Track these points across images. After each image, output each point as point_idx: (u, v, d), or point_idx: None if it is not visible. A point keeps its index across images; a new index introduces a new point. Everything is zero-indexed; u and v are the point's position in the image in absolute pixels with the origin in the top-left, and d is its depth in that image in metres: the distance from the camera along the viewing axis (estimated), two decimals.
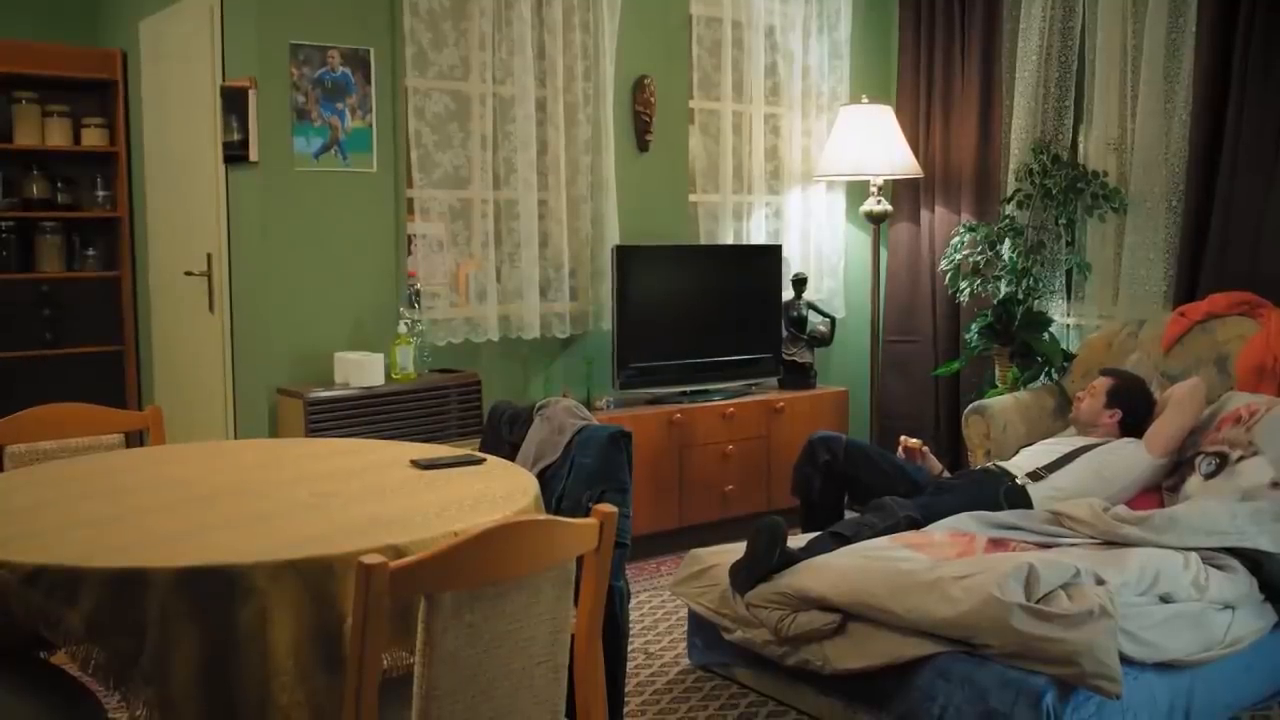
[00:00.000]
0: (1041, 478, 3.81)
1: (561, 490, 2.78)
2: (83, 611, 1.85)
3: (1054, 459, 3.87)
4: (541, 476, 2.86)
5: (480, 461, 2.68)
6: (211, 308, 4.70)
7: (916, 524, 3.53)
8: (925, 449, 4.14)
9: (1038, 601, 2.81)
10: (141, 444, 3.14)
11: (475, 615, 1.80)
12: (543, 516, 2.08)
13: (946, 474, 4.16)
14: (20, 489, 2.43)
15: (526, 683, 1.89)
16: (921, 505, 3.61)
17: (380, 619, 1.71)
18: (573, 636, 2.06)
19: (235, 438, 4.56)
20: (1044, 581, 2.85)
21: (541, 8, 4.75)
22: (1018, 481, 3.82)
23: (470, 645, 1.80)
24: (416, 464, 2.64)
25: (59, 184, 5.52)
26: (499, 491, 2.39)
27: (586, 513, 2.05)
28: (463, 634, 1.79)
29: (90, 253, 5.59)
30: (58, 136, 5.44)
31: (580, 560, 2.00)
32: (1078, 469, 3.81)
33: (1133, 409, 3.97)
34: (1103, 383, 4.03)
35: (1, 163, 5.37)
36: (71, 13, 5.65)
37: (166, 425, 3.16)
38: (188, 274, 4.82)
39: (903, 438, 4.19)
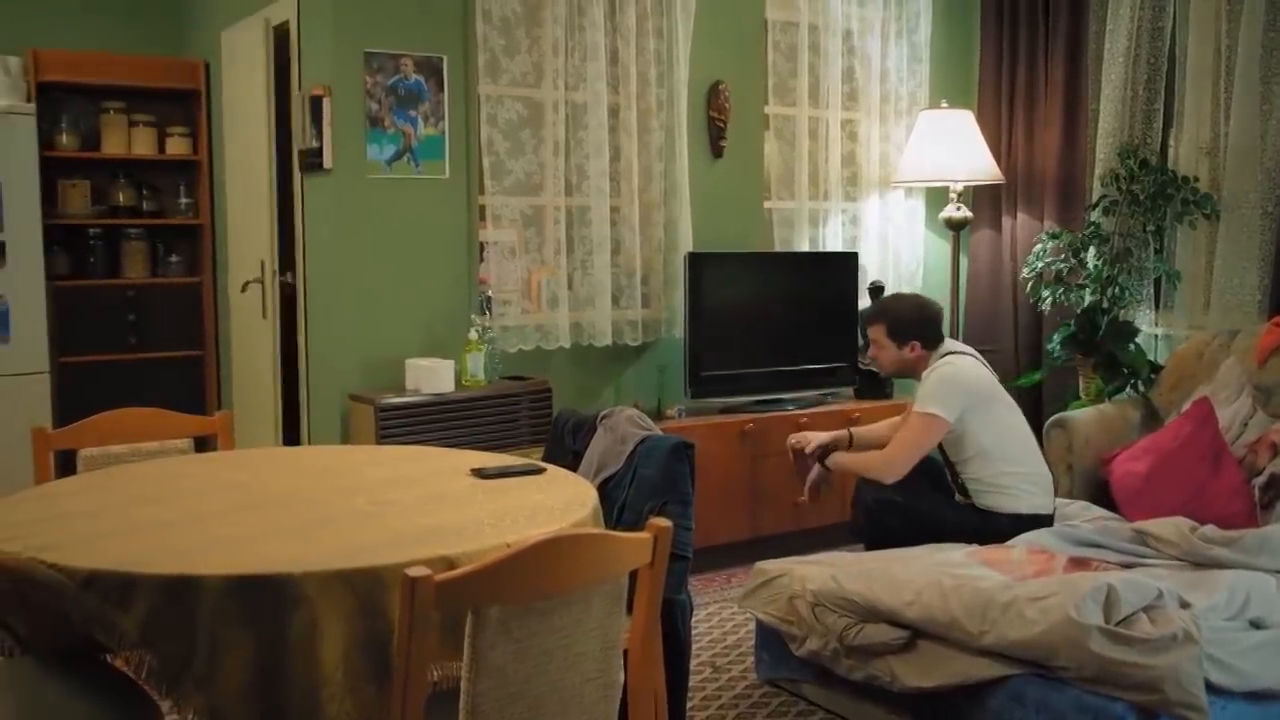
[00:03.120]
0: (959, 474, 3.70)
1: (623, 501, 2.74)
2: (136, 617, 1.86)
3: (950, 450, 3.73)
4: (604, 486, 2.83)
5: (541, 471, 2.65)
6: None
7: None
8: (806, 447, 3.87)
9: (1117, 624, 2.69)
10: (213, 449, 3.16)
11: (523, 630, 1.76)
12: (594, 530, 2.04)
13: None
14: (85, 492, 2.46)
15: (576, 700, 1.85)
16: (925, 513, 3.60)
17: (425, 633, 1.68)
18: (627, 653, 2.01)
19: (309, 443, 4.60)
20: (1124, 603, 2.73)
21: (615, 14, 4.73)
22: (959, 500, 3.74)
23: (518, 661, 1.76)
24: (477, 473, 2.61)
25: (144, 191, 5.65)
26: (557, 502, 2.35)
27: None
28: (510, 649, 1.75)
29: (173, 259, 5.71)
30: (143, 145, 5.56)
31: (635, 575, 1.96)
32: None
33: (919, 328, 3.72)
34: (876, 329, 3.78)
35: (90, 171, 5.51)
36: (158, 25, 5.77)
37: (243, 430, 3.19)
38: (246, 284, 4.90)
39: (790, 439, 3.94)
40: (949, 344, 3.75)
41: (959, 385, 3.59)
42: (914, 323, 3.74)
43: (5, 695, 2.18)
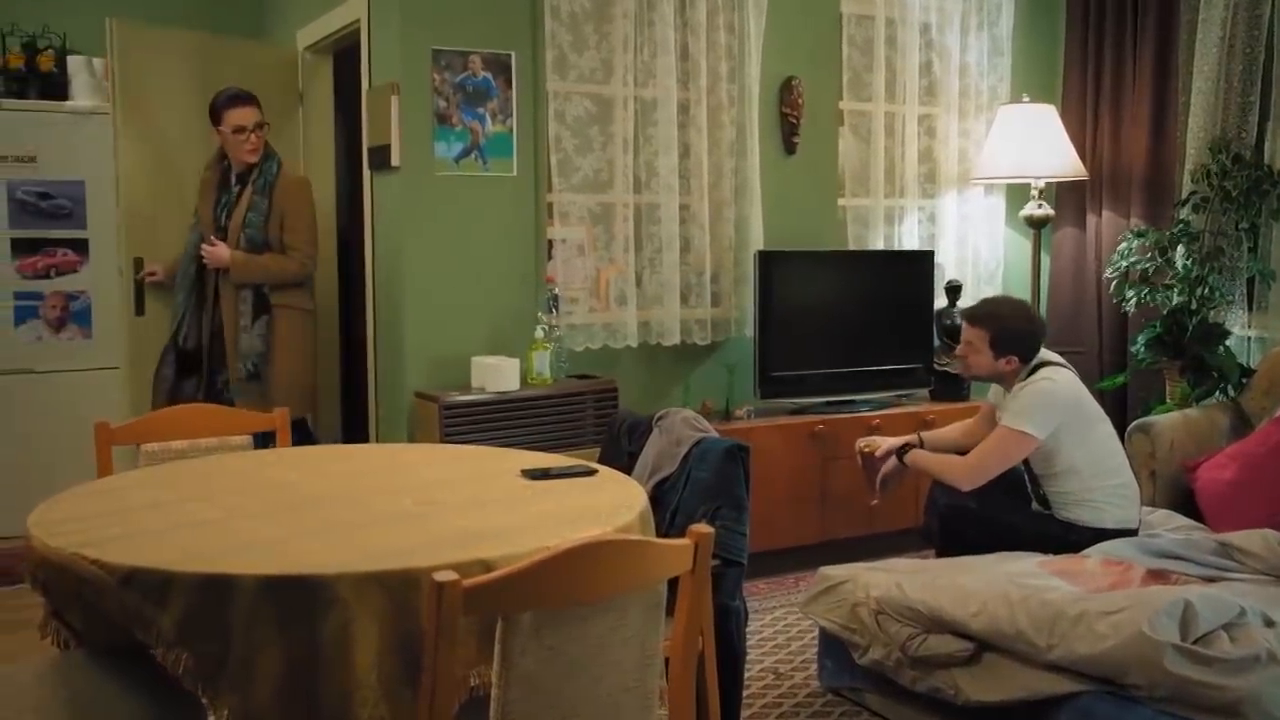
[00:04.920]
0: (1041, 486, 3.56)
1: (676, 504, 2.68)
2: (173, 615, 1.85)
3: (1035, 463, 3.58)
4: (658, 489, 2.78)
5: (592, 472, 2.60)
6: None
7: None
8: (876, 451, 3.77)
9: (1194, 642, 2.56)
10: (272, 445, 3.18)
11: (556, 637, 1.71)
12: (630, 536, 1.98)
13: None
14: (138, 488, 2.48)
15: (612, 710, 1.80)
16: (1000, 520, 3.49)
17: (453, 639, 1.64)
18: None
19: (377, 441, 4.62)
20: (1203, 620, 2.60)
21: (685, 9, 4.67)
22: (1037, 509, 3.60)
23: (549, 668, 1.72)
24: (527, 474, 2.57)
25: None
26: (605, 505, 2.31)
27: None
28: (542, 656, 1.71)
29: None
30: None
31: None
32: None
33: (1024, 344, 3.51)
34: (977, 334, 3.53)
35: None
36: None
37: (319, 429, 3.18)
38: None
39: (859, 443, 3.84)
40: (1042, 354, 3.58)
41: (1055, 403, 3.42)
42: (1021, 337, 3.54)
43: (58, 688, 2.20)
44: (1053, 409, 3.41)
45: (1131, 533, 3.46)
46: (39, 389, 5.19)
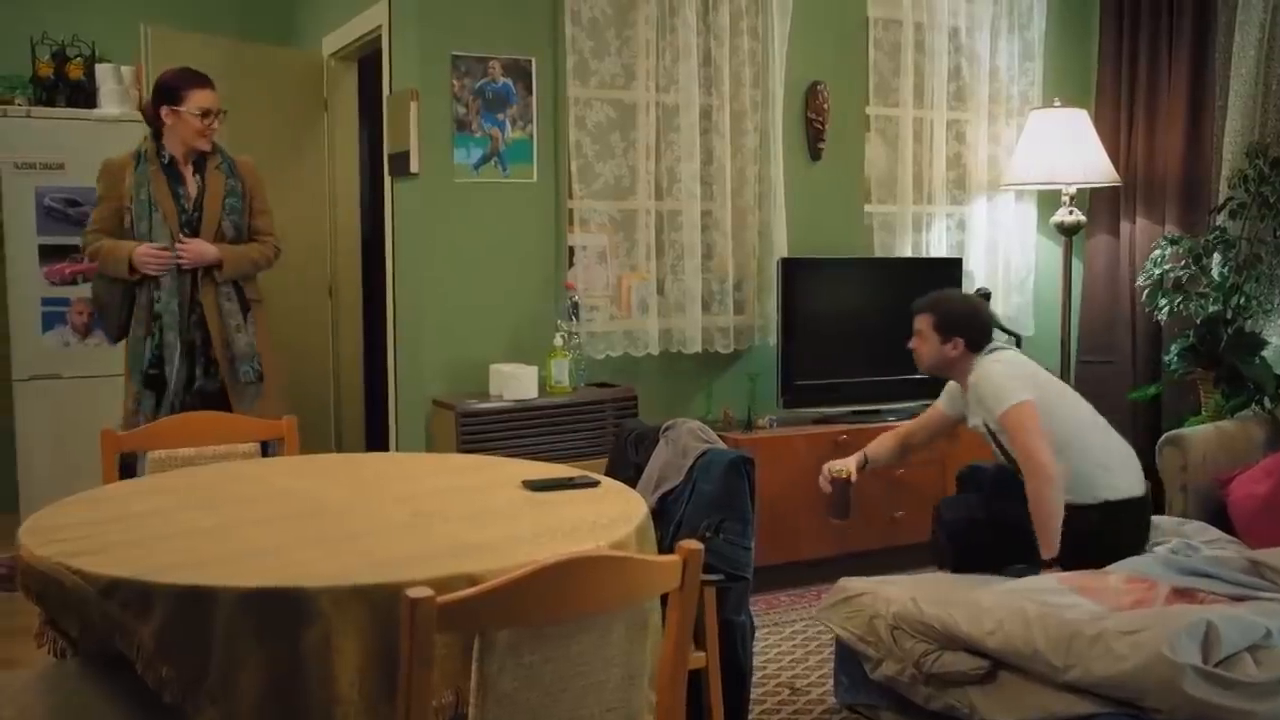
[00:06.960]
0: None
1: (680, 516, 2.63)
2: (152, 627, 1.83)
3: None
4: (664, 501, 2.72)
5: (595, 484, 2.55)
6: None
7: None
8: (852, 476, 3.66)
9: (1216, 665, 2.47)
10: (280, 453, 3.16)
11: (535, 656, 1.66)
12: (616, 552, 1.93)
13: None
14: (136, 496, 2.46)
15: None
16: None
17: (429, 656, 1.60)
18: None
19: (396, 449, 4.60)
20: (1226, 642, 2.51)
21: (708, 14, 4.62)
22: None
23: (529, 688, 1.67)
24: (528, 485, 2.53)
25: None
26: (603, 518, 2.26)
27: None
28: (521, 675, 1.66)
29: None
30: None
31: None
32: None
33: (967, 326, 3.49)
34: (924, 320, 3.55)
35: None
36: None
37: (342, 436, 3.15)
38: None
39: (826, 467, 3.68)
40: (995, 343, 3.54)
41: (1016, 372, 3.39)
42: (964, 318, 3.52)
43: (46, 696, 2.19)
44: (1017, 376, 3.38)
45: (1138, 500, 3.34)
46: (66, 394, 5.21)
